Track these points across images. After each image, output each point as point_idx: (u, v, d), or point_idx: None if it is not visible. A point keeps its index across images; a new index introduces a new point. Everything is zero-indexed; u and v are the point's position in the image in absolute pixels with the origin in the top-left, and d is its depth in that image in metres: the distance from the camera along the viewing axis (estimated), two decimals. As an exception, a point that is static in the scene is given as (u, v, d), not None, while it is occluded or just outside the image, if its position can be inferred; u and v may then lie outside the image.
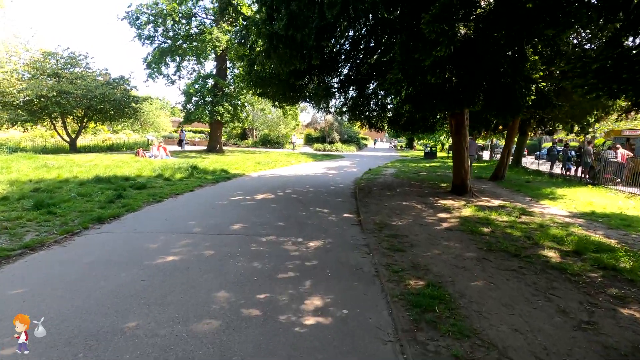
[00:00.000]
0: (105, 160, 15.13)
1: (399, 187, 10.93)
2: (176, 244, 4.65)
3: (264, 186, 10.25)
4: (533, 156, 32.38)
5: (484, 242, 5.12)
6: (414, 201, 8.39)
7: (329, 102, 11.82)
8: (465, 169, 9.31)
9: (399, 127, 13.09)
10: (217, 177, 11.38)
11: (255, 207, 7.25)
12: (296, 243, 4.90)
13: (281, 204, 7.61)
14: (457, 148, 9.36)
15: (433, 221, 6.43)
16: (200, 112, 21.49)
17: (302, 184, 11.09)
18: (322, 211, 7.11)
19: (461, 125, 9.19)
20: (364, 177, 13.40)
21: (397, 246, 4.87)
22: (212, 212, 6.63)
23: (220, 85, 22.37)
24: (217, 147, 23.74)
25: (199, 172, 12.18)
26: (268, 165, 16.37)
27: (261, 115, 40.46)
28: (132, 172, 11.11)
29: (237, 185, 10.44)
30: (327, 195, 9.09)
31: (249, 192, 8.98)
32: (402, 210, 7.36)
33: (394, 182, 12.19)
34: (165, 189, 8.85)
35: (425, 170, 17.03)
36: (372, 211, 7.17)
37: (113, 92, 21.79)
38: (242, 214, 6.55)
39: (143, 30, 21.68)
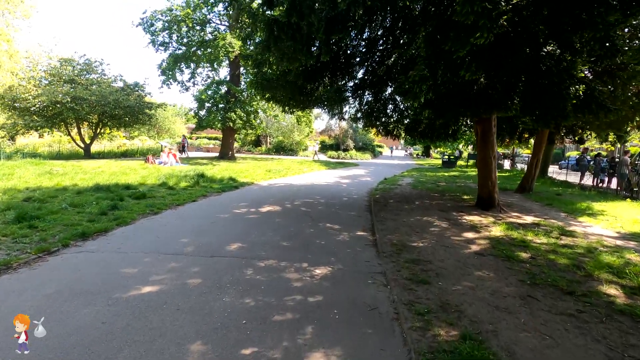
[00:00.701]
0: (113, 166, 14.83)
1: (418, 199, 10.08)
2: (160, 268, 3.99)
3: (272, 197, 9.59)
4: (557, 166, 30.79)
5: (525, 273, 4.26)
6: (435, 217, 7.54)
7: (342, 107, 11.14)
8: (493, 180, 8.41)
9: (417, 135, 12.26)
10: (224, 186, 10.80)
11: (258, 221, 6.56)
12: (300, 270, 4.17)
13: (287, 219, 6.91)
14: (483, 157, 8.48)
15: (459, 242, 5.59)
16: (212, 118, 21.19)
17: (312, 195, 10.38)
18: (332, 228, 6.36)
19: (488, 132, 8.32)
20: (379, 188, 12.59)
21: (420, 276, 4.07)
22: (211, 227, 5.98)
23: (233, 91, 22.06)
24: (229, 154, 23.36)
25: (206, 180, 11.64)
26: (279, 174, 15.76)
27: (275, 122, 40.22)
28: (135, 180, 10.66)
29: (243, 195, 9.82)
30: (338, 209, 8.33)
31: (254, 204, 8.32)
32: (422, 227, 6.54)
33: (412, 193, 11.34)
34: (166, 199, 8.30)
35: (445, 181, 16.07)
36: (388, 228, 6.38)
37: (127, 98, 21.76)
38: (243, 230, 5.87)
39: (157, 36, 21.64)
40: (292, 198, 9.51)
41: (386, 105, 10.66)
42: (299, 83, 6.89)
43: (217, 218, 6.66)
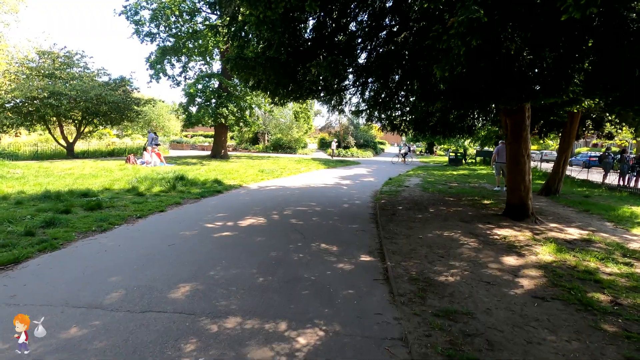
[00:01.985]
0: (88, 167, 13.34)
1: (431, 205, 8.57)
2: (46, 342, 2.49)
3: (258, 204, 8.08)
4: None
5: (624, 337, 2.76)
6: (458, 230, 6.04)
7: (342, 97, 9.62)
8: (526, 185, 6.89)
9: (428, 130, 10.75)
10: (206, 191, 9.30)
11: (232, 242, 5.05)
12: (275, 337, 2.67)
13: (272, 237, 5.40)
14: (514, 156, 6.95)
15: (501, 273, 4.09)
16: (202, 114, 19.64)
17: (307, 201, 8.87)
18: (328, 250, 4.86)
19: (520, 126, 6.79)
20: (385, 190, 11.08)
21: (464, 347, 2.58)
22: (165, 253, 4.48)
23: (224, 85, 20.51)
24: (221, 152, 21.83)
25: (186, 183, 10.15)
26: (272, 174, 14.25)
27: (273, 119, 38.71)
28: (101, 185, 9.16)
29: (225, 202, 8.31)
30: (337, 220, 6.83)
31: (234, 215, 6.83)
32: (446, 247, 5.03)
33: (423, 197, 9.82)
34: (128, 208, 6.82)
35: (455, 181, 14.55)
36: (402, 250, 4.88)
37: (111, 93, 20.26)
38: (208, 257, 4.37)
39: (142, 26, 20.07)
40: (283, 205, 8.00)
41: (393, 94, 9.13)
42: (285, 59, 5.37)
43: (180, 237, 5.16)
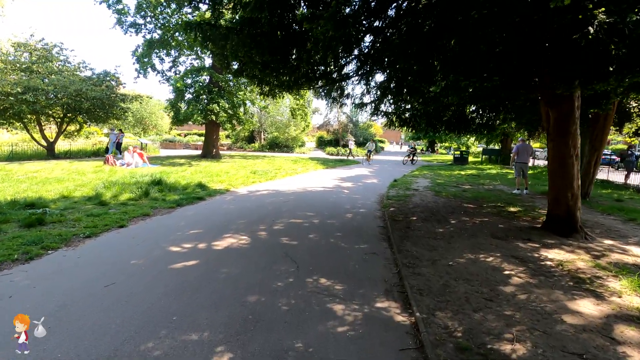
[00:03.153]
0: (58, 170, 11.94)
1: (450, 213, 7.23)
2: None
3: (243, 216, 6.71)
4: None
5: None
6: (495, 251, 4.70)
7: (343, 89, 8.26)
8: (574, 192, 5.55)
9: (442, 126, 9.40)
10: (185, 197, 7.93)
11: (196, 279, 3.68)
12: None
13: (253, 268, 4.04)
14: (559, 157, 5.61)
15: (588, 335, 2.74)
16: (191, 110, 18.21)
17: (304, 209, 7.51)
18: (329, 290, 3.50)
19: (568, 119, 5.45)
20: (392, 194, 9.72)
21: None
22: (90, 303, 3.08)
23: (215, 79, 19.07)
24: (212, 151, 20.40)
25: (163, 188, 8.76)
26: (265, 176, 12.87)
27: (269, 117, 37.33)
28: (61, 192, 7.77)
29: (204, 212, 6.94)
30: (340, 237, 5.48)
31: (211, 231, 5.46)
32: (489, 282, 3.68)
33: (438, 203, 8.47)
34: (79, 224, 5.46)
35: (467, 182, 13.21)
36: (432, 287, 3.53)
37: (93, 88, 18.82)
38: (151, 311, 2.97)
39: (125, 16, 18.61)
40: (273, 216, 6.64)
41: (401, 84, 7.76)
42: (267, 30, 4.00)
43: (126, 271, 3.79)
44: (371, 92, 8.36)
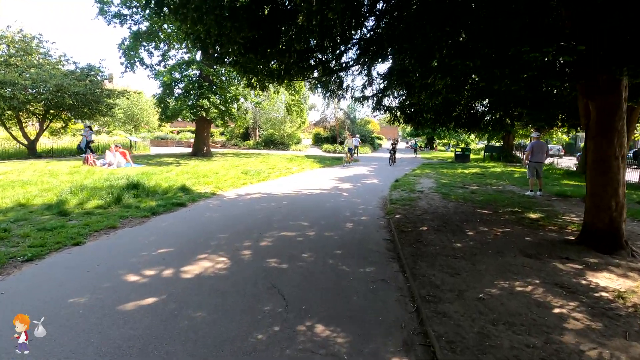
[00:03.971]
0: (30, 171, 10.92)
1: (465, 221, 6.32)
2: None
3: (227, 226, 5.76)
4: (574, 158, 27.22)
5: None
6: (534, 277, 3.79)
7: (342, 80, 7.32)
8: (620, 201, 4.66)
9: (451, 122, 8.50)
10: (163, 204, 6.97)
11: (150, 324, 2.72)
12: None
13: (227, 306, 3.09)
14: (601, 157, 4.71)
15: None
16: (179, 106, 17.18)
17: (297, 216, 6.58)
18: (328, 344, 2.56)
19: (613, 114, 4.54)
20: (395, 197, 8.80)
21: None
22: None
23: (205, 73, 18.02)
24: (203, 149, 19.38)
25: (139, 193, 7.78)
26: (258, 177, 11.91)
27: (264, 113, 36.28)
28: (18, 199, 6.78)
29: (181, 223, 5.98)
30: (339, 256, 4.55)
31: (184, 249, 4.52)
32: (538, 328, 2.77)
33: (448, 208, 7.57)
34: (25, 241, 4.51)
35: (473, 182, 12.32)
36: (465, 338, 2.61)
37: (75, 83, 17.72)
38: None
39: (109, 5, 17.48)
40: (262, 228, 5.70)
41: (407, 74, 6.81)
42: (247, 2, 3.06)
43: (58, 315, 2.83)
44: (374, 83, 7.44)
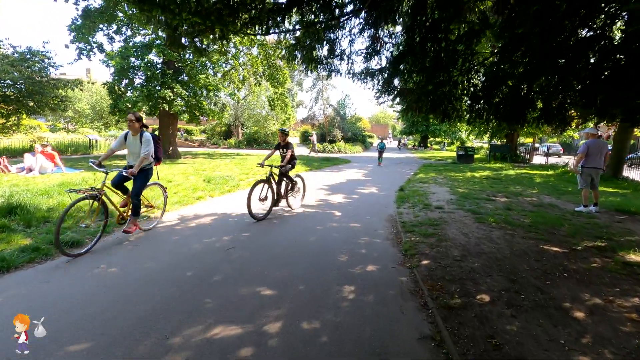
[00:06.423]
0: None
1: (543, 275, 3.66)
2: None
3: (111, 309, 2.94)
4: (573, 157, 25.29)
5: None
6: None
7: (334, 41, 4.59)
8: None
9: (491, 113, 5.86)
10: (33, 246, 4.14)
11: None
12: None
13: None
14: None
15: None
16: (135, 97, 14.17)
17: (257, 271, 3.82)
18: None
19: None
20: (407, 218, 6.11)
21: None
22: None
23: (168, 58, 15.05)
24: (168, 150, 16.39)
25: (9, 223, 4.90)
26: (222, 187, 9.09)
27: (246, 109, 33.32)
28: None
29: (40, 301, 3.17)
30: None
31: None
32: None
33: (497, 242, 4.88)
34: None
35: (496, 191, 9.74)
36: None
37: (8, 69, 14.62)
38: None
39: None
40: (175, 316, 2.92)
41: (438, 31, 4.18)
42: None
43: None
44: (383, 49, 4.73)
